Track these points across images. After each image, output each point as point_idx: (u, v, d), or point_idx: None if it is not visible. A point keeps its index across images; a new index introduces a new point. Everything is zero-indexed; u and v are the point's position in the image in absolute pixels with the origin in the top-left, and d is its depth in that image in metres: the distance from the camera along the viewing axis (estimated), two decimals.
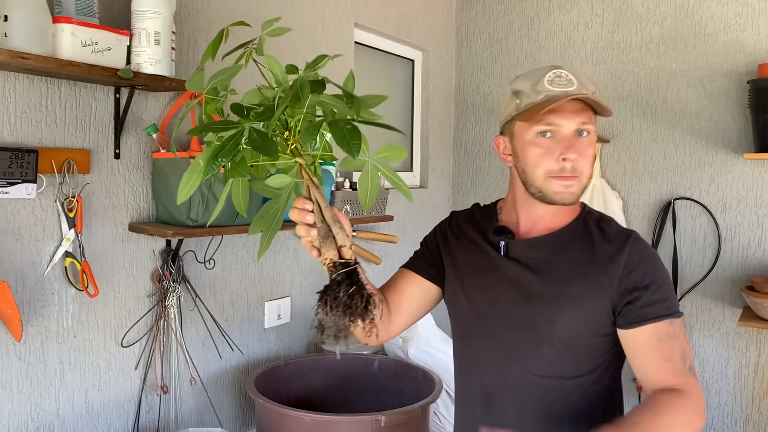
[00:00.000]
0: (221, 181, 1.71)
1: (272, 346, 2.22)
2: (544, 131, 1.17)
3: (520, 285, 1.22)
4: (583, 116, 1.16)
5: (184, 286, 1.88)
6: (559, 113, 1.16)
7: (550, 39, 3.06)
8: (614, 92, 2.90)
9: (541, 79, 1.17)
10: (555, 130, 1.16)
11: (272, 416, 1.74)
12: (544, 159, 1.17)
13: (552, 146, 1.16)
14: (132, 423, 1.78)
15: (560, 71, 1.18)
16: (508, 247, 1.25)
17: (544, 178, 1.18)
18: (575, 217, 1.26)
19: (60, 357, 1.62)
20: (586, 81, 1.19)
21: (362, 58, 2.71)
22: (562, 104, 1.14)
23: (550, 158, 1.16)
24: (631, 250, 1.17)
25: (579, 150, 1.16)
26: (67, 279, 1.61)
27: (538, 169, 1.18)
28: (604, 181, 2.88)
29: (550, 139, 1.17)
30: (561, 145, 1.15)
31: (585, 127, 1.17)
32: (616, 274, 1.16)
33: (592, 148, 1.18)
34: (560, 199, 1.18)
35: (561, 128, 1.16)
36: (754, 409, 2.66)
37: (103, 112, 1.68)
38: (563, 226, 1.25)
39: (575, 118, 1.16)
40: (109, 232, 1.70)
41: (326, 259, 1.00)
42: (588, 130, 1.18)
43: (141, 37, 1.60)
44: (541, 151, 1.17)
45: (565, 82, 1.16)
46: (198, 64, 1.90)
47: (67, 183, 1.59)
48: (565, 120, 1.16)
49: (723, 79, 2.67)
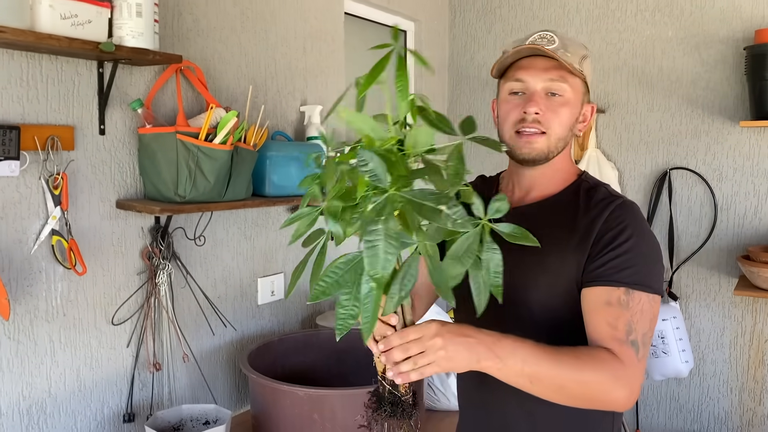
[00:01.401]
0: (209, 156, 1.69)
1: (266, 323, 2.21)
2: (516, 89, 1.17)
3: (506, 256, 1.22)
4: (552, 73, 1.15)
5: (175, 263, 1.86)
6: (526, 69, 1.16)
7: (545, 8, 3.00)
8: (609, 61, 2.86)
9: (525, 40, 1.17)
10: (524, 87, 1.16)
11: (266, 392, 1.73)
12: (510, 114, 1.17)
13: (519, 102, 1.17)
14: (125, 400, 1.78)
15: (546, 32, 1.17)
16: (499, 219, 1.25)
17: (510, 133, 1.18)
18: (568, 184, 1.24)
19: (50, 335, 1.61)
20: (573, 45, 1.17)
21: (353, 29, 2.66)
22: (532, 61, 1.15)
23: (516, 112, 1.16)
24: (610, 215, 1.14)
25: (547, 106, 1.15)
26: (55, 257, 1.59)
27: (506, 125, 1.18)
28: (599, 152, 2.86)
29: (520, 97, 1.17)
30: (526, 100, 1.16)
31: (554, 85, 1.15)
32: (590, 241, 1.13)
33: (565, 108, 1.16)
34: (522, 156, 1.18)
35: (528, 84, 1.16)
36: (750, 377, 2.67)
37: (86, 87, 1.64)
38: (555, 193, 1.23)
39: (543, 74, 1.15)
40: (96, 210, 1.68)
41: (382, 364, 1.01)
42: (560, 91, 1.16)
43: (122, 10, 1.56)
44: (510, 107, 1.17)
45: (546, 42, 1.15)
46: (181, 36, 1.86)
47: (51, 160, 1.56)
48: (531, 76, 1.15)
49: (719, 46, 2.63)
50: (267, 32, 2.15)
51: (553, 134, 1.16)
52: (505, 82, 1.19)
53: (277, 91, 2.20)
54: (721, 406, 2.73)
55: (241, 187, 1.83)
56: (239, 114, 1.82)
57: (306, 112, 2.28)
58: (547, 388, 1.01)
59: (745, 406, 2.69)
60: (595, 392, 1.03)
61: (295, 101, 2.27)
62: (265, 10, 2.14)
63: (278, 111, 2.21)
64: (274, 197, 1.99)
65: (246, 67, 2.07)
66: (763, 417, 2.65)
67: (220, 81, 1.99)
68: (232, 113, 1.73)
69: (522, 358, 0.99)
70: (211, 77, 1.95)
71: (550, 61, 1.15)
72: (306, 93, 2.32)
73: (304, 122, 2.28)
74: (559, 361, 1.00)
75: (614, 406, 1.05)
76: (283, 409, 1.69)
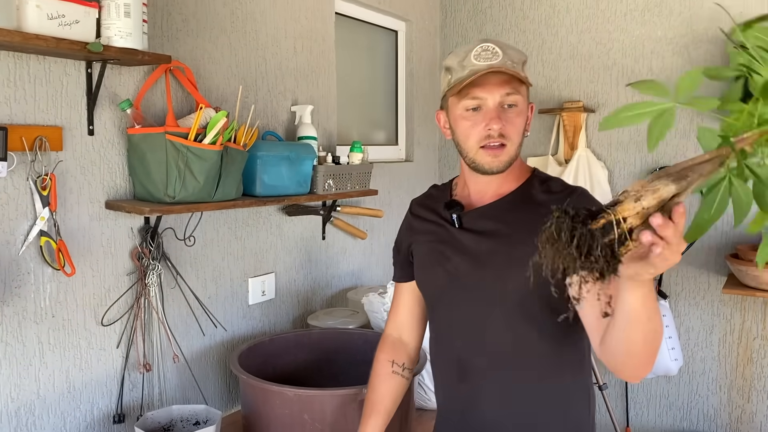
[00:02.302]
0: (198, 157, 1.68)
1: (257, 323, 2.21)
2: (472, 106, 1.21)
3: (474, 253, 1.27)
4: (507, 88, 1.20)
5: (165, 263, 1.86)
6: (482, 87, 1.20)
7: (535, 8, 3.01)
8: (599, 61, 2.87)
9: (468, 54, 1.21)
10: (481, 104, 1.21)
11: (256, 392, 1.73)
12: (472, 131, 1.22)
13: (479, 119, 1.21)
14: (116, 401, 1.77)
15: (487, 44, 1.21)
16: (461, 219, 1.30)
17: (475, 150, 1.23)
18: (523, 182, 1.30)
19: (39, 337, 1.60)
20: (514, 53, 1.22)
21: (343, 29, 2.66)
22: (486, 78, 1.19)
23: (477, 129, 1.21)
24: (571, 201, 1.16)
25: (506, 119, 1.20)
26: (43, 258, 1.59)
27: (468, 142, 1.24)
28: (589, 152, 2.87)
29: (478, 112, 1.22)
30: (486, 117, 1.20)
31: (510, 98, 1.21)
32: None
33: (520, 116, 1.23)
34: (490, 169, 1.23)
35: (486, 101, 1.21)
36: (738, 375, 2.69)
37: (74, 88, 1.64)
38: (511, 191, 1.29)
39: (499, 90, 1.20)
40: (85, 210, 1.68)
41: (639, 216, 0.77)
42: (514, 102, 1.21)
43: (110, 10, 1.56)
44: (470, 124, 1.22)
45: (491, 55, 1.19)
46: (171, 36, 1.86)
47: (39, 161, 1.55)
48: (488, 93, 1.20)
49: (708, 46, 2.65)
50: (257, 32, 2.14)
51: (513, 143, 1.23)
52: (460, 99, 1.23)
53: (268, 91, 2.20)
54: (710, 403, 2.75)
55: (231, 187, 1.82)
56: (229, 114, 1.82)
57: (297, 111, 2.27)
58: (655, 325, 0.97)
59: (734, 403, 2.71)
60: (659, 347, 1.02)
61: (286, 101, 2.27)
62: (255, 10, 2.13)
63: (269, 111, 2.21)
64: (265, 197, 1.99)
65: (236, 67, 2.07)
66: (751, 414, 2.67)
67: (210, 81, 1.98)
68: (221, 113, 1.72)
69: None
70: (201, 77, 1.95)
71: (502, 75, 1.20)
72: (297, 93, 2.32)
73: (295, 122, 2.28)
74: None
75: (650, 369, 1.05)
76: (273, 410, 1.69)
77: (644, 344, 0.98)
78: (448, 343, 1.32)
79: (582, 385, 1.28)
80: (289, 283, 2.32)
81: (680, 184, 0.73)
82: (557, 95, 2.97)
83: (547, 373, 1.23)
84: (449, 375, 1.34)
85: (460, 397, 1.31)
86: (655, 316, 0.95)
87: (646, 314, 0.93)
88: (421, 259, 1.38)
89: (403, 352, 1.49)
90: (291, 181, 2.06)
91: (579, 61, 2.92)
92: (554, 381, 1.24)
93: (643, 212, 0.74)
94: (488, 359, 1.25)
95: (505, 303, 1.22)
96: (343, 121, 2.68)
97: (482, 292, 1.24)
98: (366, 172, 2.41)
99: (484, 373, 1.26)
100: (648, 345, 0.99)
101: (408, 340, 1.50)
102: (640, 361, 1.03)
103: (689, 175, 0.74)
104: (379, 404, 1.44)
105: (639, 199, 0.74)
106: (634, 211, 0.74)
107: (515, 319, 1.21)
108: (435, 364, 1.40)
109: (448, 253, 1.30)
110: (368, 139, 2.92)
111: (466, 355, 1.28)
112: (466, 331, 1.27)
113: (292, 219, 2.31)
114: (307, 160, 2.12)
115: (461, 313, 1.28)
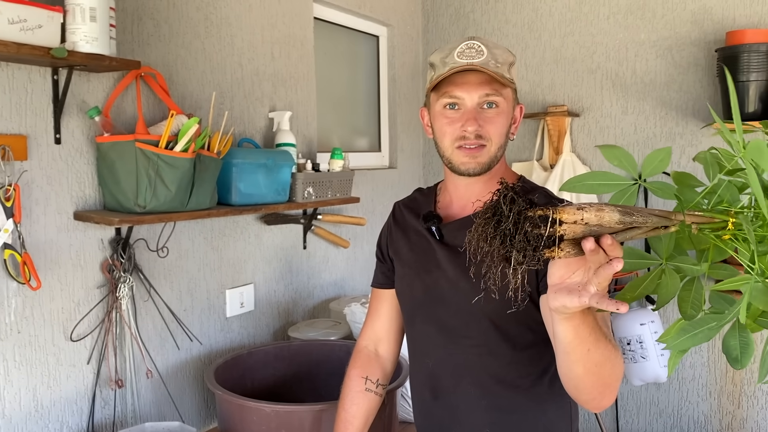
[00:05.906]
0: (169, 165, 1.63)
1: (235, 336, 2.15)
2: (450, 103, 1.17)
3: (451, 268, 1.21)
4: (486, 88, 1.15)
5: (137, 275, 1.80)
6: (460, 86, 1.15)
7: (518, 12, 2.99)
8: (583, 65, 2.84)
9: (453, 51, 1.16)
10: (459, 103, 1.17)
11: (232, 408, 1.67)
12: (448, 129, 1.17)
13: (456, 118, 1.17)
14: (86, 419, 1.71)
15: (473, 42, 1.16)
16: (441, 231, 1.25)
17: (451, 150, 1.18)
18: None
19: (3, 354, 1.54)
20: (500, 52, 1.17)
21: (323, 34, 2.62)
22: (465, 77, 1.14)
23: (453, 128, 1.17)
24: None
25: (484, 119, 1.15)
26: (7, 272, 1.53)
27: (445, 140, 1.19)
28: (574, 156, 2.84)
29: (456, 111, 1.17)
30: (463, 117, 1.16)
31: (490, 99, 1.16)
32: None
33: (501, 117, 1.17)
34: (466, 170, 1.18)
35: (464, 101, 1.16)
36: (728, 381, 2.65)
37: (40, 95, 1.58)
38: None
39: (477, 90, 1.15)
40: (52, 222, 1.62)
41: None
42: (495, 102, 1.16)
43: (75, 14, 1.51)
44: (446, 122, 1.18)
45: (474, 53, 1.15)
46: (142, 42, 1.81)
47: (3, 171, 1.50)
48: (466, 93, 1.15)
49: (692, 49, 2.62)
50: (233, 37, 2.10)
51: (493, 144, 1.17)
52: (438, 97, 1.19)
53: (244, 97, 2.15)
54: (700, 410, 2.71)
55: (205, 195, 1.77)
56: (201, 120, 1.77)
57: (275, 118, 2.23)
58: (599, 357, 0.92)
59: (724, 409, 2.67)
60: (618, 377, 0.97)
61: (263, 107, 2.22)
62: (230, 15, 2.09)
63: (245, 117, 2.15)
64: (241, 206, 1.93)
65: (210, 73, 2.02)
66: (742, 420, 2.64)
67: (183, 87, 1.93)
68: (193, 120, 1.67)
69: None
70: (174, 84, 1.90)
71: (482, 74, 1.15)
72: (275, 99, 2.27)
73: (273, 129, 2.23)
74: (606, 338, 0.93)
75: (613, 398, 1.01)
76: (250, 426, 1.63)
77: (588, 376, 0.93)
78: (423, 359, 1.27)
79: (561, 402, 1.23)
80: (268, 295, 2.27)
81: (623, 218, 0.73)
82: (541, 99, 2.94)
83: (524, 391, 1.19)
84: (423, 391, 1.29)
85: (435, 415, 1.26)
86: (598, 347, 0.89)
87: (583, 346, 0.89)
88: (402, 268, 1.33)
89: (378, 367, 1.42)
90: (268, 189, 2.01)
91: (563, 65, 2.89)
92: (531, 399, 1.19)
93: (581, 224, 0.73)
94: (462, 377, 1.21)
95: (480, 321, 1.17)
96: (323, 128, 2.63)
97: (458, 308, 1.20)
98: (347, 179, 2.36)
99: (458, 391, 1.21)
100: (594, 377, 0.94)
101: (384, 353, 1.44)
102: (591, 395, 0.97)
103: (635, 215, 0.74)
104: (350, 424, 1.37)
105: (582, 209, 0.73)
106: (572, 218, 0.72)
107: (490, 337, 1.17)
108: (411, 379, 1.35)
109: (429, 266, 1.25)
110: (351, 146, 2.87)
111: (440, 372, 1.23)
112: (441, 347, 1.23)
113: (271, 228, 2.26)
114: (285, 167, 2.07)
115: (437, 328, 1.23)
